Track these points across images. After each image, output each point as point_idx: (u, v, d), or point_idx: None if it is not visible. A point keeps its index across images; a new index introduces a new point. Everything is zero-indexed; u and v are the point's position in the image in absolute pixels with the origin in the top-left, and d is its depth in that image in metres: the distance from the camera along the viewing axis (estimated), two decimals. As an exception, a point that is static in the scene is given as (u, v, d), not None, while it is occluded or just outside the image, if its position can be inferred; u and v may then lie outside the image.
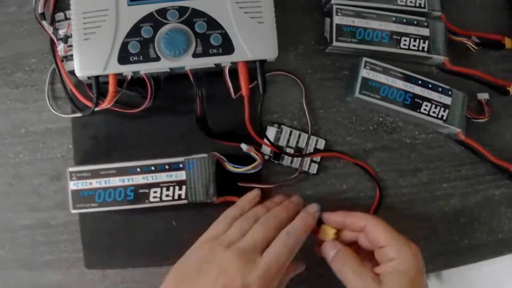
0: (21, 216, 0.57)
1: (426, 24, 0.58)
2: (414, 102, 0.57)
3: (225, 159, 0.54)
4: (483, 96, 0.62)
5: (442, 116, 0.58)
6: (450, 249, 0.61)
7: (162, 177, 0.53)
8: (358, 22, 0.56)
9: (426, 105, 0.57)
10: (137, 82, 0.55)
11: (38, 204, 0.57)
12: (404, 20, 0.57)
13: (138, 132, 0.57)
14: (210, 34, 0.51)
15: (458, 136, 0.59)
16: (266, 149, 0.57)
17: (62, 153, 0.58)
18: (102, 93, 0.53)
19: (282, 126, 0.58)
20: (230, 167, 0.54)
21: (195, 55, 0.51)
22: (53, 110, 0.57)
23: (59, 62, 0.56)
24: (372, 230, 0.48)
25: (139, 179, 0.53)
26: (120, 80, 0.52)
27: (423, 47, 0.58)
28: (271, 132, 0.57)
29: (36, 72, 0.58)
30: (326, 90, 0.59)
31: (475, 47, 0.61)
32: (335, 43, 0.56)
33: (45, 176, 0.57)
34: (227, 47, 0.51)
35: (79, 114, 0.56)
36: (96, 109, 0.53)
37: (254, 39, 0.51)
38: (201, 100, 0.53)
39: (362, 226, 0.49)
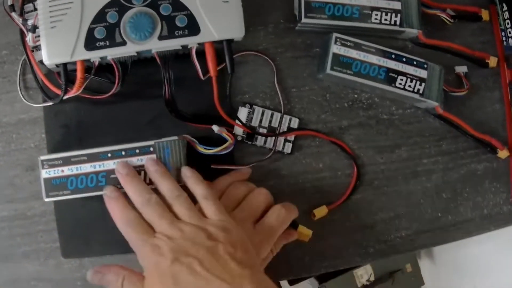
0: (-3, 208, 0.57)
1: (397, -2, 0.57)
2: (389, 77, 0.56)
3: (196, 141, 0.54)
4: (461, 69, 0.61)
5: (419, 90, 0.57)
6: (434, 226, 0.60)
7: (133, 161, 0.52)
8: (327, -3, 0.56)
9: (401, 79, 0.57)
10: (105, 68, 0.54)
11: (14, 195, 0.57)
12: (375, -5, 0.57)
13: (108, 118, 0.57)
14: (175, 15, 0.50)
15: (436, 110, 0.58)
16: (239, 130, 0.56)
17: (36, 142, 0.57)
18: (71, 80, 0.52)
19: (254, 106, 0.57)
20: (201, 149, 0.54)
21: (161, 38, 0.50)
22: (25, 101, 0.57)
23: (29, 52, 0.55)
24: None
25: (110, 165, 0.52)
26: (89, 66, 0.52)
27: (395, 21, 0.57)
28: (242, 112, 0.57)
29: (7, 63, 0.58)
30: (298, 69, 0.58)
31: (450, 19, 0.60)
32: (304, 20, 0.55)
33: (19, 167, 0.57)
34: (193, 28, 0.50)
35: (49, 103, 0.56)
36: (66, 96, 0.52)
37: (220, 18, 0.50)
38: (169, 83, 0.53)
39: None
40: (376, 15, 0.56)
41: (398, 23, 0.57)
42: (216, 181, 0.54)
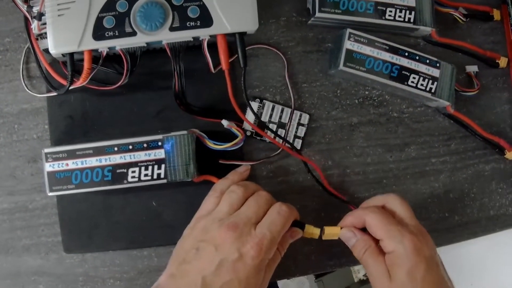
0: (-3, 200, 0.56)
1: (411, -6, 0.56)
2: (402, 75, 0.56)
3: (205, 136, 0.53)
4: (472, 68, 0.60)
5: (431, 88, 0.56)
6: (441, 227, 0.60)
7: (141, 156, 0.51)
8: (341, -8, 0.55)
9: (414, 78, 0.56)
10: (113, 58, 0.53)
11: (15, 187, 0.56)
12: (389, -10, 0.56)
13: (114, 110, 0.55)
14: (187, 6, 0.49)
15: (447, 109, 0.58)
16: (248, 125, 0.55)
17: (38, 134, 0.56)
18: (77, 71, 0.51)
19: (264, 101, 0.56)
20: (210, 144, 0.53)
21: (172, 29, 0.49)
22: (28, 90, 0.55)
23: (34, 40, 0.54)
24: (369, 225, 0.48)
25: (116, 159, 0.51)
26: (96, 56, 0.51)
27: (409, 18, 0.56)
28: (252, 107, 0.55)
29: (10, 51, 0.56)
30: (309, 63, 0.57)
31: (463, 18, 0.59)
32: (318, 14, 0.54)
33: (21, 158, 0.56)
34: (205, 19, 0.49)
35: (54, 93, 0.54)
36: (71, 87, 0.51)
37: (234, 10, 0.49)
38: (180, 75, 0.51)
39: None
40: (390, 11, 0.55)
41: (412, 20, 0.56)
42: (214, 186, 0.52)
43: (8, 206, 0.56)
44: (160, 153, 0.51)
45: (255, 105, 0.56)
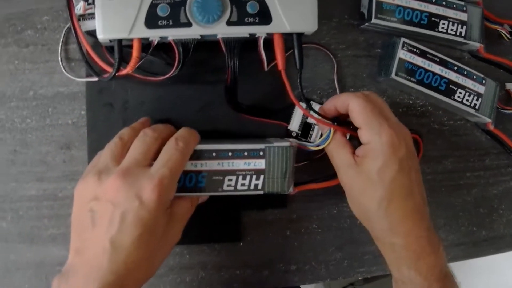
0: (25, 186, 0.53)
1: (464, 8, 0.56)
2: (449, 88, 0.55)
3: (305, 143, 0.51)
4: (512, 86, 0.61)
5: (475, 105, 0.56)
6: (468, 240, 0.61)
7: (240, 164, 0.47)
8: (398, 0, 0.54)
9: (460, 93, 0.56)
10: (160, 47, 0.50)
11: (45, 174, 0.53)
12: (444, 3, 0.55)
13: (157, 101, 0.53)
14: (246, 1, 0.47)
15: (487, 126, 0.58)
16: (294, 126, 0.54)
17: (74, 119, 0.53)
18: (123, 58, 0.48)
19: (311, 102, 0.55)
20: (312, 147, 0.50)
21: (229, 23, 0.47)
22: (65, 72, 0.52)
23: (76, 21, 0.50)
24: (352, 110, 0.45)
25: (213, 165, 0.46)
26: (144, 44, 0.48)
27: (460, 32, 0.56)
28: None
29: (48, 30, 0.53)
30: (357, 68, 0.57)
31: (508, 35, 0.59)
32: (374, 20, 0.53)
33: (53, 143, 0.53)
34: (264, 16, 0.47)
35: (95, 79, 0.51)
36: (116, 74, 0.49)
37: (294, 10, 0.47)
38: (234, 72, 0.49)
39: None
40: (444, 24, 0.55)
41: (463, 34, 0.56)
42: None
43: (36, 193, 0.53)
44: (260, 164, 0.47)
45: (302, 105, 0.54)
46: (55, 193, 0.53)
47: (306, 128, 0.54)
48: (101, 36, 0.46)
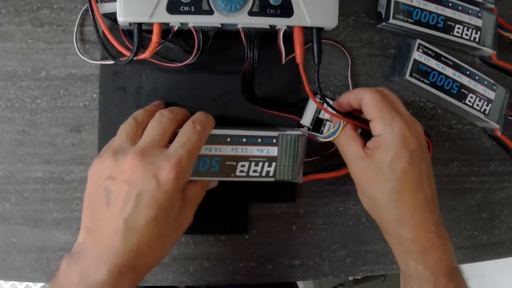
0: (32, 168, 0.52)
1: (479, 14, 0.56)
2: (461, 92, 0.56)
3: (316, 134, 0.52)
4: (520, 94, 0.62)
5: (485, 110, 0.57)
6: (470, 244, 0.61)
7: (253, 150, 0.47)
8: (416, 1, 0.54)
9: (471, 97, 0.56)
10: (179, 33, 0.50)
11: (53, 156, 0.52)
12: (460, 8, 0.56)
13: (171, 88, 0.52)
14: (270, -8, 0.47)
15: (495, 131, 0.59)
16: (307, 121, 0.54)
17: (85, 102, 0.52)
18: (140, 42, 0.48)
19: (324, 97, 0.55)
20: (321, 139, 0.52)
21: (251, 13, 0.47)
22: (79, 54, 0.52)
23: (94, 3, 0.50)
24: (365, 103, 0.46)
25: (227, 150, 0.47)
26: (163, 30, 0.48)
27: (474, 38, 0.56)
28: (312, 103, 0.54)
29: (64, 11, 0.52)
30: (371, 67, 0.57)
31: (519, 44, 0.60)
32: (391, 20, 0.53)
33: (63, 126, 0.52)
34: (286, 9, 0.47)
35: (111, 62, 0.51)
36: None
37: (316, 4, 0.47)
38: (252, 63, 0.49)
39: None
40: (459, 28, 0.56)
41: (477, 40, 0.56)
42: None
43: (42, 175, 0.52)
44: (273, 151, 0.48)
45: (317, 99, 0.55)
46: (62, 176, 0.52)
47: (317, 123, 0.54)
48: (121, 18, 0.45)
